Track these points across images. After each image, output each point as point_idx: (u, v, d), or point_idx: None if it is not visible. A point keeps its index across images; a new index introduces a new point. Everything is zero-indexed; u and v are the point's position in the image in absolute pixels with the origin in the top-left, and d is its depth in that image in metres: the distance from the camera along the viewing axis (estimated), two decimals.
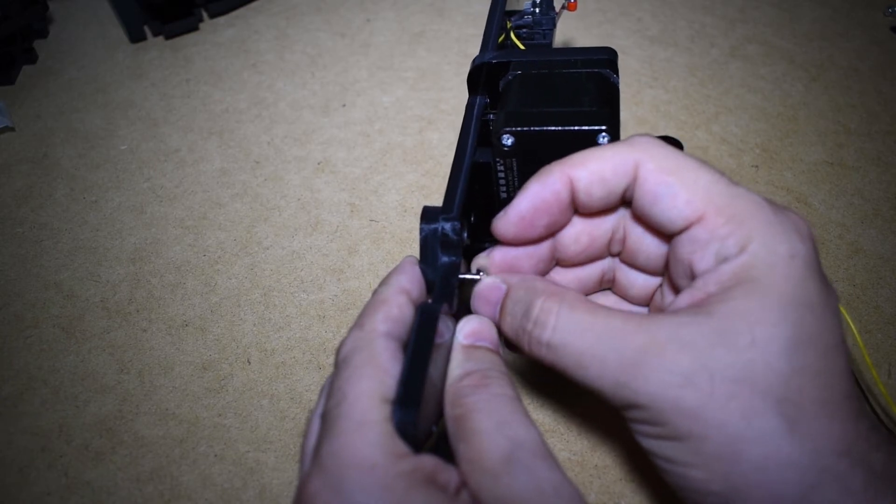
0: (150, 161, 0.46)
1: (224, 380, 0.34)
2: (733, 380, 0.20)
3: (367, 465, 0.19)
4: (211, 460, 0.31)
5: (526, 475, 0.20)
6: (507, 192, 0.31)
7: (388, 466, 0.19)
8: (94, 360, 0.35)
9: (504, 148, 0.29)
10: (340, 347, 0.22)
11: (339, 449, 0.20)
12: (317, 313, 0.36)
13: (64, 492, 0.31)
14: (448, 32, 0.54)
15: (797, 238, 0.22)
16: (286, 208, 0.42)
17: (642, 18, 0.54)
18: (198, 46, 0.54)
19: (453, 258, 0.26)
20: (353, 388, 0.21)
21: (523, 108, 0.29)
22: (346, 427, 0.20)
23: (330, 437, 0.20)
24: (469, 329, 0.24)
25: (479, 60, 0.32)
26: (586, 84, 0.31)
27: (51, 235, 0.42)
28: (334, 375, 0.22)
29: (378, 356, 0.21)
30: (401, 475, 0.19)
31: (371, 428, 0.20)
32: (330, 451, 0.20)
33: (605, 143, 0.27)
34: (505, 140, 0.28)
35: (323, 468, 0.19)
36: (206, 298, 0.38)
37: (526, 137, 0.28)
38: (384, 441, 0.20)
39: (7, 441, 0.32)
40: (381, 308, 0.23)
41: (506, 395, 0.22)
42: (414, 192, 0.42)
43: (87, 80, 0.52)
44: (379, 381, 0.21)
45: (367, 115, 0.47)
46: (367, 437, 0.20)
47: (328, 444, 0.20)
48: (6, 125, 0.48)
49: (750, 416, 0.20)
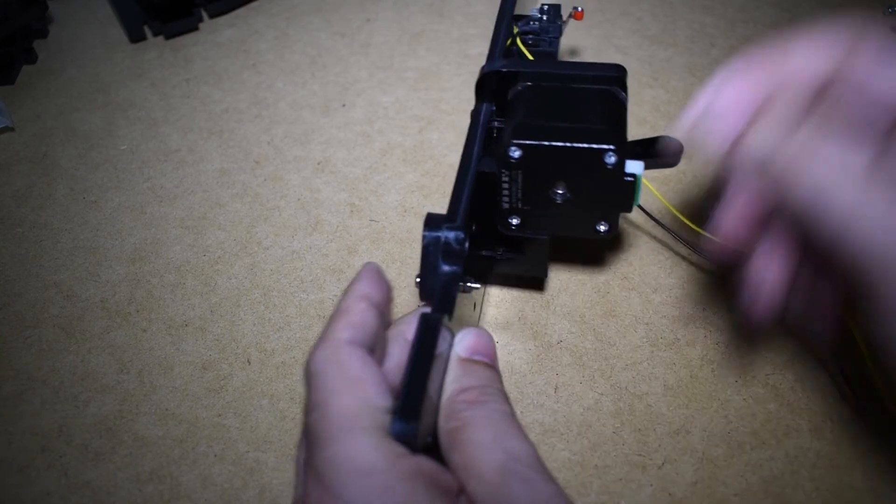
0: (150, 161, 0.46)
1: (224, 380, 0.34)
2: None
3: (365, 469, 0.19)
4: (211, 460, 0.31)
5: (522, 486, 0.20)
6: (510, 202, 0.30)
7: (388, 468, 0.19)
8: (94, 360, 0.35)
9: (511, 160, 0.28)
10: (309, 363, 0.22)
11: (333, 457, 0.19)
12: (317, 313, 0.36)
13: (64, 492, 0.31)
14: (448, 32, 0.54)
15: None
16: (286, 208, 0.42)
17: (642, 18, 0.54)
18: (198, 46, 0.54)
19: (454, 267, 0.25)
20: (333, 400, 0.20)
21: (532, 121, 0.29)
22: (336, 436, 0.20)
23: (321, 448, 0.20)
24: (468, 343, 0.24)
25: (488, 68, 0.32)
26: (596, 101, 0.30)
27: (51, 235, 0.42)
28: (309, 391, 0.22)
29: (348, 366, 0.21)
30: (403, 476, 0.19)
31: (362, 433, 0.20)
32: (324, 460, 0.19)
33: (613, 162, 0.28)
34: (512, 152, 0.28)
35: (321, 478, 0.19)
36: (206, 298, 0.38)
37: (533, 151, 0.28)
38: (378, 444, 0.19)
39: (7, 441, 0.32)
40: (342, 318, 0.23)
41: (502, 412, 0.22)
42: (414, 192, 0.42)
43: (87, 80, 0.52)
44: (356, 389, 0.21)
45: (367, 115, 0.47)
46: (361, 443, 0.19)
47: (320, 455, 0.20)
48: (6, 125, 0.48)
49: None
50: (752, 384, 0.32)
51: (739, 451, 0.30)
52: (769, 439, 0.31)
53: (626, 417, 0.32)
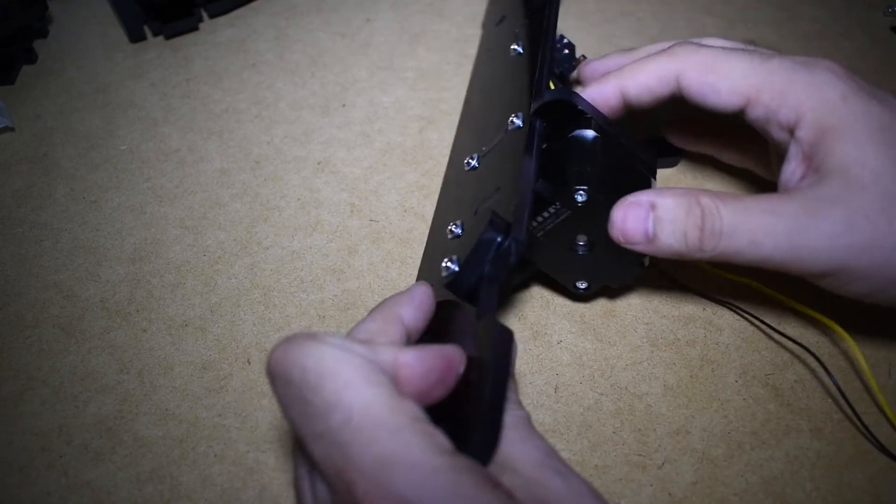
0: (150, 161, 0.46)
1: (224, 380, 0.34)
2: (881, 209, 0.24)
3: (427, 467, 0.18)
4: (211, 460, 0.31)
5: (560, 479, 0.21)
6: (541, 229, 0.32)
7: (448, 468, 0.18)
8: (94, 360, 0.35)
9: (577, 203, 0.30)
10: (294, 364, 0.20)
11: (383, 455, 0.18)
12: (317, 313, 0.36)
13: (64, 492, 0.31)
14: (448, 32, 0.54)
15: (836, 79, 0.26)
16: (286, 208, 0.42)
17: (642, 18, 0.54)
18: (198, 46, 0.54)
19: (500, 275, 0.25)
20: (356, 398, 0.19)
21: (610, 180, 0.30)
22: (378, 436, 0.18)
23: (359, 447, 0.18)
24: None
25: (567, 97, 0.30)
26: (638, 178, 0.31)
27: (50, 235, 0.42)
28: (305, 392, 0.20)
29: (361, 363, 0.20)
30: (465, 475, 0.18)
31: (408, 431, 0.19)
32: (371, 460, 0.18)
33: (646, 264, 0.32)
34: (578, 195, 0.30)
35: (372, 479, 0.18)
36: (206, 298, 0.38)
37: (592, 204, 0.30)
38: (427, 442, 0.19)
39: (7, 441, 0.32)
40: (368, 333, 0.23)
41: (523, 416, 0.23)
42: (414, 192, 0.42)
43: (87, 80, 0.52)
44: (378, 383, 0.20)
45: (367, 115, 0.47)
46: (412, 441, 0.18)
47: (363, 455, 0.18)
48: (6, 125, 0.48)
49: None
50: (752, 384, 0.32)
51: (739, 451, 0.30)
52: (769, 439, 0.31)
53: (625, 417, 0.32)
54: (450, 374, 0.21)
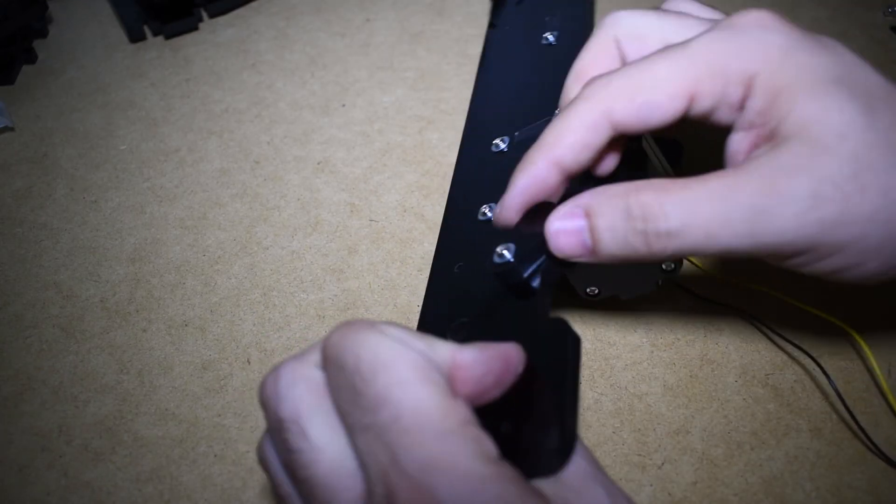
0: (149, 161, 0.46)
1: (224, 380, 0.34)
2: (852, 175, 0.21)
3: (473, 476, 0.17)
4: (211, 460, 0.31)
5: (602, 489, 0.20)
6: None
7: (494, 477, 0.18)
8: (94, 360, 0.35)
9: (589, 296, 0.32)
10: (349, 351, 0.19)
11: (429, 459, 0.17)
12: (317, 313, 0.36)
13: (64, 492, 0.31)
14: (448, 32, 0.54)
15: (770, 33, 0.23)
16: (286, 208, 0.42)
17: None
18: (197, 46, 0.54)
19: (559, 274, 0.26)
20: (409, 396, 0.18)
21: None
22: (426, 439, 0.18)
23: (405, 449, 0.18)
24: None
25: None
26: None
27: (50, 235, 0.42)
28: (357, 382, 0.19)
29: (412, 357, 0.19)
30: (511, 485, 0.18)
31: (457, 436, 0.18)
32: (416, 464, 0.17)
33: None
34: (591, 292, 0.32)
35: (416, 485, 0.17)
36: (206, 298, 0.38)
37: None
38: (475, 448, 0.18)
39: (7, 441, 0.32)
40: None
41: None
42: (414, 192, 0.42)
43: (86, 80, 0.52)
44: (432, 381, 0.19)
45: (367, 115, 0.47)
46: (459, 447, 0.18)
47: (409, 458, 0.18)
48: (6, 125, 0.48)
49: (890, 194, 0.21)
50: (751, 384, 0.32)
51: (739, 451, 0.30)
52: (769, 439, 0.31)
53: (625, 417, 0.32)
54: (507, 376, 0.20)
